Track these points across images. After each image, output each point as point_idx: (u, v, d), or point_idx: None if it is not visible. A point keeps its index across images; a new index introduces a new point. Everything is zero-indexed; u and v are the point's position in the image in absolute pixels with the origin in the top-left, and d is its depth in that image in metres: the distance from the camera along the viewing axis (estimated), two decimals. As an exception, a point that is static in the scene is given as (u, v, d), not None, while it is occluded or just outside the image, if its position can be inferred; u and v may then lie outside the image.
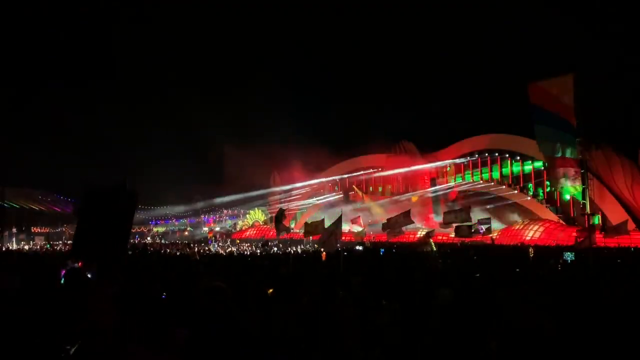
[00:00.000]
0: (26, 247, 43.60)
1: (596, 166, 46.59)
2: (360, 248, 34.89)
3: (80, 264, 6.58)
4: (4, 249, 31.97)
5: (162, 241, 63.34)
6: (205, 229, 78.85)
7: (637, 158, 48.67)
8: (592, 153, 45.32)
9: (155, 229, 79.59)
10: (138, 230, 74.95)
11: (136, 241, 50.59)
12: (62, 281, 5.22)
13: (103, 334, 2.84)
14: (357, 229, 38.97)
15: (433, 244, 15.91)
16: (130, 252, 24.21)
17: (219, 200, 78.05)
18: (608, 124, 53.62)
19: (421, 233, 48.76)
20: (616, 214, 46.46)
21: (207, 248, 42.62)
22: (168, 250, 37.32)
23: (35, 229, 59.74)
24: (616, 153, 49.32)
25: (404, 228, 21.26)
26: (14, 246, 42.10)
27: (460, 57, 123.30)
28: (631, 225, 43.72)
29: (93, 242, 5.92)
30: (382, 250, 28.83)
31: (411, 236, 50.19)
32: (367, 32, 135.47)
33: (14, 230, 55.80)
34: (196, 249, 36.31)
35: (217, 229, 78.82)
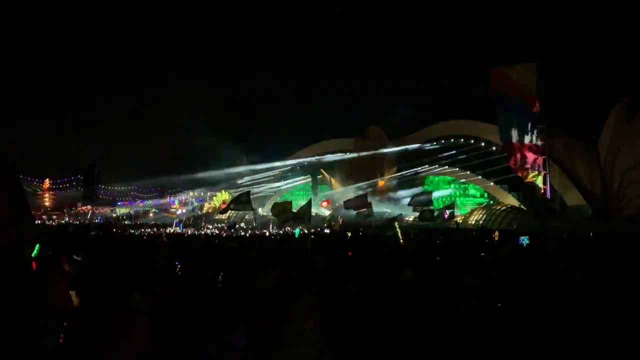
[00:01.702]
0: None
1: (557, 154, 47.92)
2: (328, 231, 35.17)
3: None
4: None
5: (126, 222, 62.36)
6: (172, 210, 77.89)
7: (596, 146, 50.27)
8: (554, 140, 46.55)
9: (118, 210, 78.10)
10: (102, 211, 73.46)
11: (97, 222, 49.56)
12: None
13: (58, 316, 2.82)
14: (325, 212, 39.00)
15: (398, 227, 16.17)
16: (94, 233, 23.78)
17: (184, 179, 77.12)
18: (569, 112, 55.05)
19: (386, 217, 49.40)
20: (576, 201, 48.11)
21: (172, 230, 42.20)
22: (133, 231, 36.82)
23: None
24: (577, 141, 50.81)
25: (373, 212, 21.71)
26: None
27: (446, 49, 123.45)
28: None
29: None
30: (349, 233, 29.11)
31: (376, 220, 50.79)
32: (338, 15, 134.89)
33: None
34: (162, 231, 35.92)
35: (183, 210, 77.91)
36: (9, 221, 5.11)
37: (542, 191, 48.23)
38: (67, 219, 66.93)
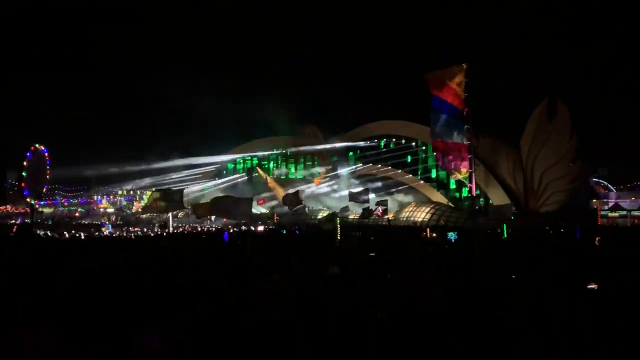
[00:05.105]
0: None
1: (483, 153, 50.24)
2: (261, 229, 34.99)
3: None
4: None
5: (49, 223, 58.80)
6: (101, 210, 74.40)
7: (518, 148, 53.22)
8: (479, 141, 48.72)
9: (41, 210, 73.32)
10: (22, 210, 68.84)
11: (19, 222, 46.62)
12: None
13: None
14: (262, 210, 38.79)
15: (338, 223, 16.51)
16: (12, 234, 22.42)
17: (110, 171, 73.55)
18: (494, 115, 57.98)
19: (323, 214, 49.83)
20: (499, 198, 50.63)
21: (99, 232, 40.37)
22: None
23: None
24: (501, 142, 53.67)
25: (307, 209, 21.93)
26: None
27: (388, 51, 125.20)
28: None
29: None
30: (284, 230, 29.25)
31: (312, 217, 51.14)
32: (280, 15, 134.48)
33: None
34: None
35: (111, 210, 74.68)
36: None
37: (469, 189, 50.20)
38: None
